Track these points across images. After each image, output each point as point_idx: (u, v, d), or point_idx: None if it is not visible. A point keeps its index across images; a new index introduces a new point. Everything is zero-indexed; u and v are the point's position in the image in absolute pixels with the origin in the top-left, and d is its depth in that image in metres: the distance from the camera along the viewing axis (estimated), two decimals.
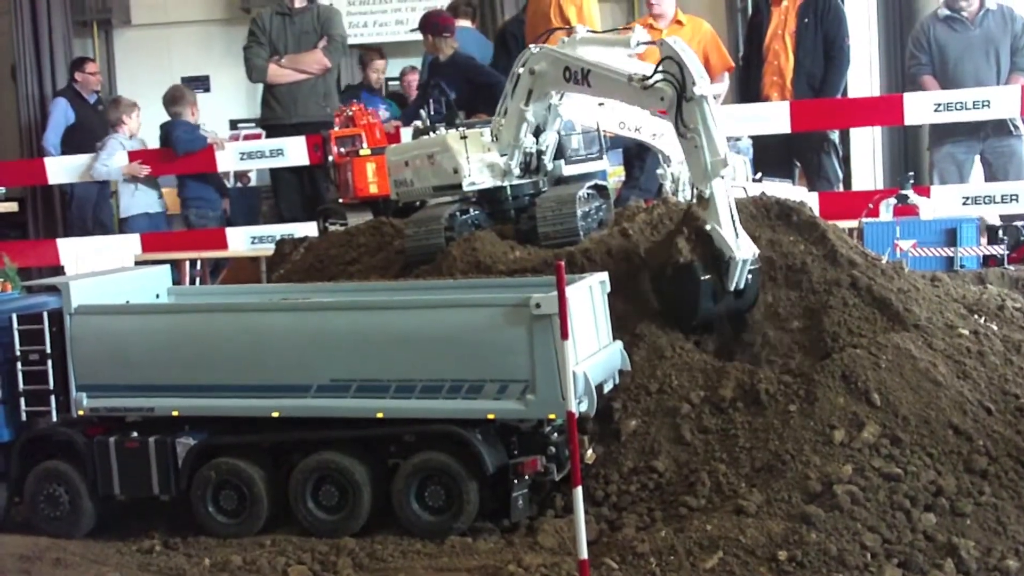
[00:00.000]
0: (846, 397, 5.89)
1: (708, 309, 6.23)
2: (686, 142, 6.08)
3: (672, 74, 6.03)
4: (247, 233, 12.06)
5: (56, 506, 6.18)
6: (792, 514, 5.36)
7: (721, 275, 6.11)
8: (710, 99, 6.01)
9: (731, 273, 6.07)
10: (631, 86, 6.27)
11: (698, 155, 6.02)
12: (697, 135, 5.99)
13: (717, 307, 6.25)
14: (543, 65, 6.76)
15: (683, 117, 6.03)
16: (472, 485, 5.62)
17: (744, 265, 6.07)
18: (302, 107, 11.78)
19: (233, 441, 6.02)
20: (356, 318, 5.82)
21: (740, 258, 6.03)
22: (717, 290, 6.16)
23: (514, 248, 7.01)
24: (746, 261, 6.06)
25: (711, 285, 6.13)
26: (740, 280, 6.11)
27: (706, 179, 6.02)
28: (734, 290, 6.16)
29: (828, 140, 11.03)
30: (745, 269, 6.10)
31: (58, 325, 6.12)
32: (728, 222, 6.02)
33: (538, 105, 6.92)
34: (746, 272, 6.12)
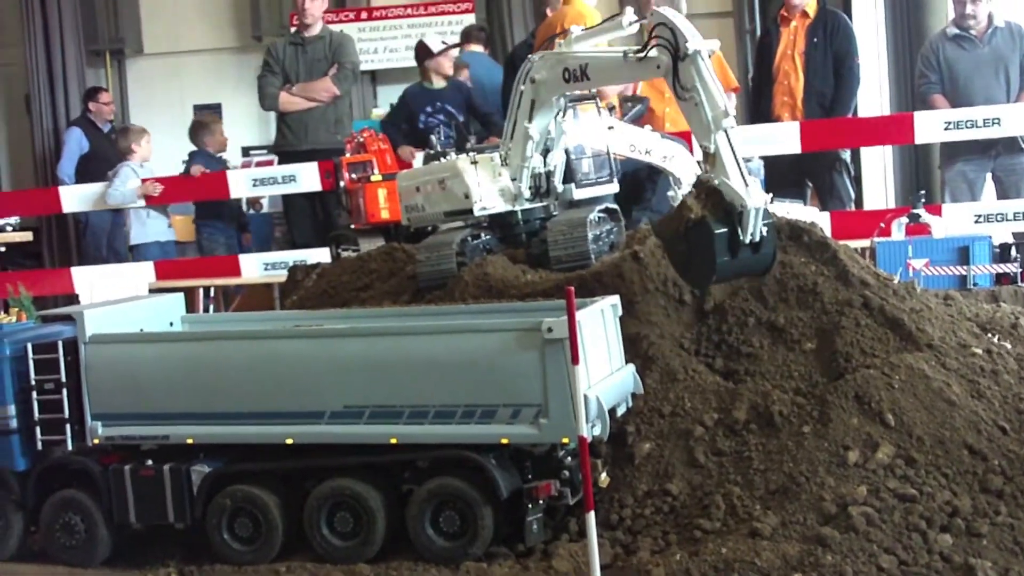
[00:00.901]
0: (860, 418, 5.87)
1: (725, 263, 5.93)
2: (686, 104, 5.98)
3: (665, 39, 5.98)
4: (260, 260, 12.10)
5: (72, 535, 6.19)
6: (807, 536, 5.35)
7: (735, 228, 5.88)
8: (704, 54, 5.93)
9: (745, 222, 5.83)
10: (627, 63, 6.24)
11: (699, 112, 5.91)
12: (696, 92, 5.89)
13: (735, 262, 5.97)
14: (543, 73, 6.77)
15: (680, 79, 5.95)
16: (487, 510, 5.61)
17: (758, 213, 5.84)
18: (313, 134, 11.83)
19: (248, 468, 6.03)
20: (369, 344, 5.83)
21: (752, 206, 5.80)
22: (733, 243, 5.89)
23: (526, 272, 7.02)
24: (759, 209, 5.84)
25: (726, 237, 5.87)
26: (755, 230, 5.87)
27: (709, 134, 5.89)
28: (751, 243, 5.90)
29: (839, 160, 11.04)
30: (759, 218, 5.86)
31: (73, 354, 6.14)
32: (736, 173, 5.86)
33: (541, 119, 6.91)
34: (760, 223, 5.89)
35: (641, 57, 6.12)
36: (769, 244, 6.01)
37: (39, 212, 14.18)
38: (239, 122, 17.22)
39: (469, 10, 16.03)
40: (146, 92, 17.59)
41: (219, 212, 13.17)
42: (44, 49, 16.43)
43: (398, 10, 16.22)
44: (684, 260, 6.15)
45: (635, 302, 6.63)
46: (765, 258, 6.07)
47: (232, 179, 12.26)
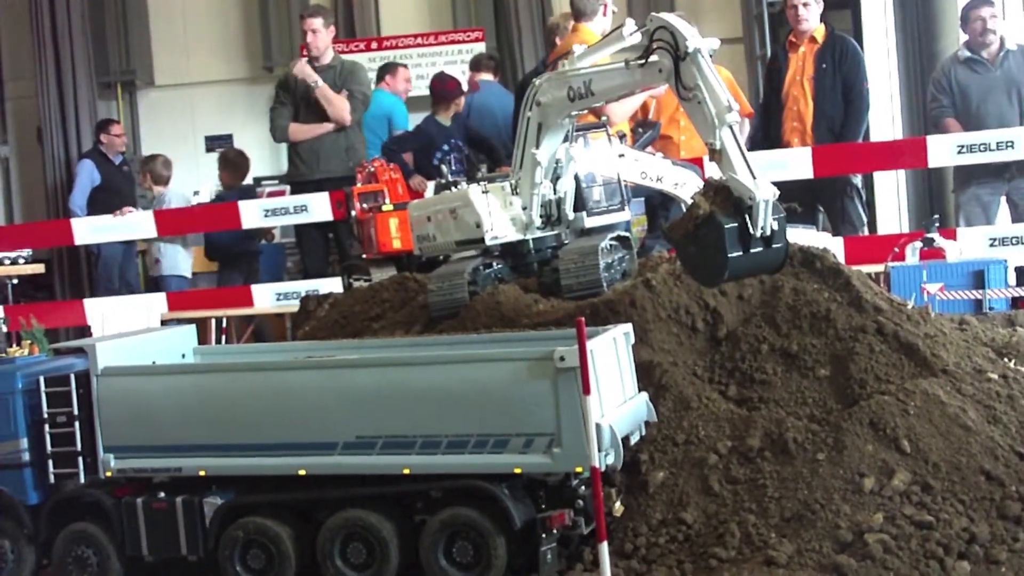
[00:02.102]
0: (875, 444, 5.84)
1: (737, 257, 5.84)
2: (689, 103, 5.96)
3: (665, 41, 5.97)
4: (272, 290, 12.11)
5: (84, 568, 6.18)
6: (824, 564, 5.32)
7: (745, 222, 5.79)
8: (704, 51, 5.91)
9: (755, 215, 5.75)
10: (630, 71, 6.25)
11: (702, 110, 5.87)
12: (698, 90, 5.87)
13: (747, 257, 5.87)
14: (548, 95, 6.76)
15: (682, 79, 5.93)
16: (500, 540, 5.58)
17: (767, 206, 5.77)
18: (325, 163, 11.84)
19: (260, 500, 6.02)
20: (381, 374, 5.82)
21: (760, 198, 5.73)
22: (744, 237, 5.81)
23: (538, 301, 7.01)
24: (768, 201, 5.77)
25: (736, 231, 5.78)
26: (766, 223, 5.79)
27: (714, 130, 5.85)
28: (762, 237, 5.82)
29: (851, 185, 11.01)
30: (768, 210, 5.79)
31: (85, 387, 6.15)
32: (743, 167, 5.82)
33: (549, 144, 6.90)
34: (770, 216, 5.81)
35: (643, 63, 6.12)
36: (781, 238, 5.92)
37: (51, 244, 14.22)
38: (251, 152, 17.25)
39: (479, 39, 16.08)
40: (157, 123, 17.66)
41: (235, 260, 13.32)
42: (56, 81, 16.51)
43: (408, 39, 16.27)
44: (695, 260, 6.07)
45: (648, 330, 6.61)
46: (778, 253, 5.97)
47: (244, 209, 12.29)
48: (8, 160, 17.92)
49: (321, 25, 11.86)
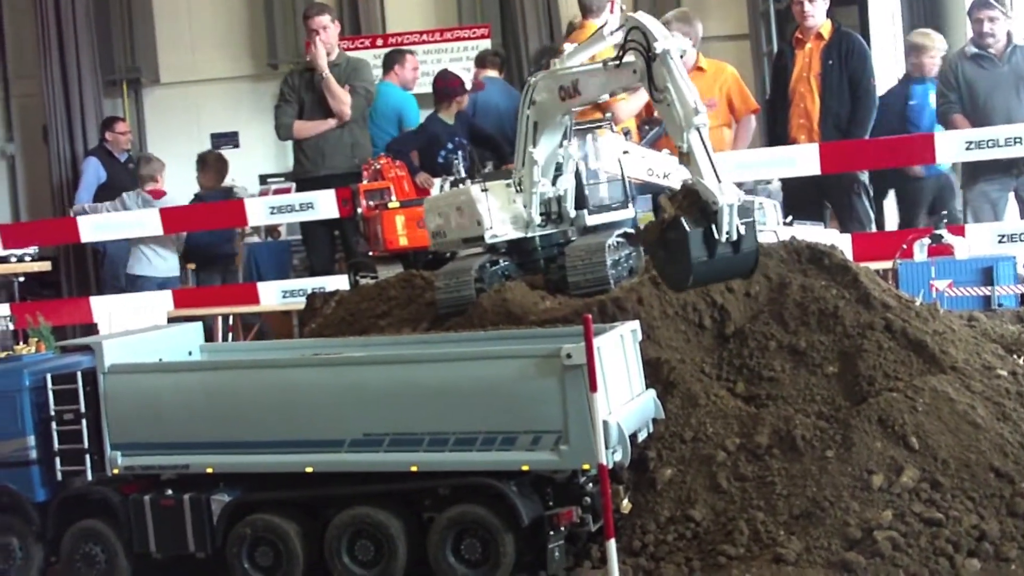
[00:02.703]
0: (884, 441, 5.83)
1: (700, 261, 5.82)
2: (660, 105, 5.96)
3: (637, 42, 5.96)
4: (278, 287, 12.10)
5: (92, 565, 6.17)
6: (832, 561, 5.31)
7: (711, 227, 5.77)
8: (673, 53, 5.89)
9: (720, 220, 5.72)
10: (607, 71, 6.25)
11: (671, 112, 5.88)
12: (668, 92, 5.86)
13: (714, 262, 5.85)
14: (542, 94, 6.77)
15: (653, 80, 5.93)
16: (508, 537, 5.57)
17: (732, 210, 5.73)
18: (330, 159, 11.82)
19: (268, 497, 6.01)
20: (388, 372, 5.82)
21: (724, 203, 5.70)
22: (709, 242, 5.79)
23: (544, 298, 7.00)
24: (732, 206, 5.73)
25: (700, 235, 5.77)
26: (731, 228, 5.75)
27: (682, 133, 5.84)
28: (728, 241, 5.79)
29: (858, 181, 10.99)
30: (734, 215, 5.75)
31: (92, 384, 6.14)
32: (709, 171, 5.78)
33: (546, 142, 6.90)
34: (736, 221, 5.77)
35: (617, 64, 6.11)
36: (750, 243, 5.89)
37: (57, 242, 14.22)
38: (256, 150, 17.28)
39: (485, 36, 16.06)
40: (163, 121, 17.66)
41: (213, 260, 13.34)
42: (61, 79, 16.51)
43: (414, 36, 16.25)
44: (664, 264, 6.08)
45: (655, 327, 6.61)
46: (747, 258, 5.95)
47: (250, 207, 12.28)
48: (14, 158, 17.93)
49: (329, 21, 11.85)
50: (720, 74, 11.09)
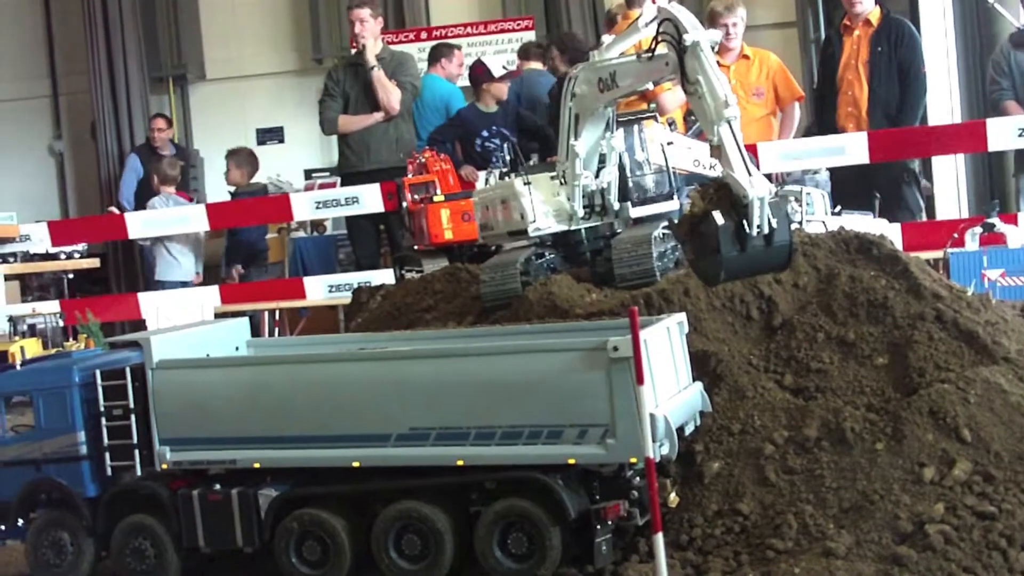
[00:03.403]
0: (935, 434, 5.75)
1: (732, 256, 5.78)
2: (692, 97, 5.91)
3: (669, 34, 5.90)
4: (324, 282, 12.15)
5: (142, 560, 6.21)
6: (883, 555, 5.25)
7: (742, 221, 5.73)
8: (704, 44, 5.83)
9: (751, 214, 5.67)
10: (642, 63, 6.21)
11: (702, 105, 5.83)
12: (699, 84, 5.80)
13: (746, 256, 5.81)
14: (582, 87, 6.73)
15: (685, 72, 5.88)
16: (555, 531, 5.55)
17: (763, 204, 5.68)
18: (375, 153, 11.85)
19: (315, 492, 6.02)
20: (434, 366, 5.81)
21: (754, 196, 5.64)
22: (740, 236, 5.74)
23: (590, 291, 6.97)
24: (763, 199, 5.68)
25: (730, 230, 5.72)
26: (763, 222, 5.71)
27: (713, 126, 5.79)
28: (760, 234, 5.74)
29: (908, 170, 10.87)
30: (765, 208, 5.70)
31: (140, 380, 6.18)
32: (740, 164, 5.72)
33: (588, 135, 6.86)
34: (767, 213, 5.72)
35: (650, 56, 6.07)
36: (782, 236, 5.83)
37: (105, 239, 14.38)
38: (301, 144, 17.38)
39: (529, 27, 16.05)
40: (209, 117, 17.82)
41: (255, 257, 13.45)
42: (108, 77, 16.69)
43: (458, 29, 16.27)
44: (697, 259, 6.04)
45: (702, 319, 6.56)
46: (780, 251, 5.89)
47: (295, 202, 12.34)
48: (63, 155, 18.16)
49: (368, 15, 11.86)
50: (765, 62, 11.03)
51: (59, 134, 18.20)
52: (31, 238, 13.14)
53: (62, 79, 18.13)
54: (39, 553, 6.36)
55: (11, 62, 18.14)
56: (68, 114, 18.13)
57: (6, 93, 17.99)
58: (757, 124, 11.03)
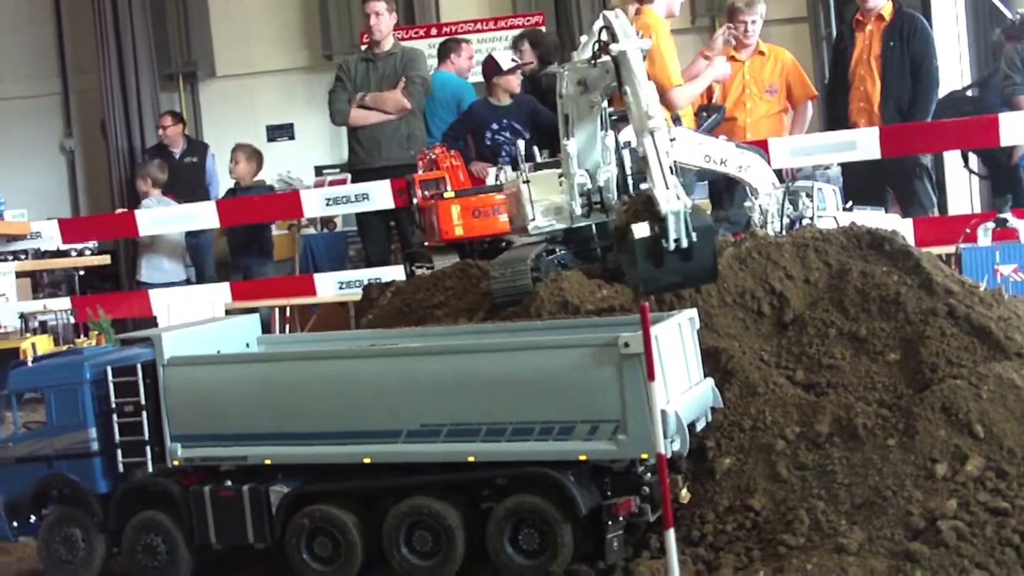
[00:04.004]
0: (947, 429, 5.73)
1: (647, 270, 5.79)
2: (625, 105, 5.92)
3: (606, 41, 5.92)
4: (334, 278, 12.16)
5: (154, 556, 6.22)
6: (895, 551, 5.23)
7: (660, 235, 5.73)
8: (631, 53, 5.82)
9: (667, 228, 5.66)
10: (594, 68, 6.20)
11: (630, 114, 5.83)
12: (627, 93, 5.81)
13: (665, 270, 5.79)
14: (568, 87, 6.72)
15: (619, 80, 5.89)
16: (566, 527, 5.54)
17: (677, 218, 5.64)
18: (385, 150, 11.85)
19: (326, 488, 6.02)
20: (445, 362, 5.80)
21: (667, 210, 5.61)
22: (657, 249, 5.72)
23: (602, 287, 6.95)
24: (678, 213, 5.64)
25: (646, 244, 5.72)
26: (679, 235, 5.67)
27: (638, 136, 5.79)
28: (678, 249, 5.70)
29: (920, 165, 10.84)
30: (680, 223, 5.65)
31: (152, 377, 6.18)
32: (659, 177, 5.70)
33: (580, 134, 6.82)
34: (683, 228, 5.67)
35: (594, 63, 6.06)
36: (704, 251, 5.79)
37: (116, 236, 14.40)
38: (311, 141, 17.39)
39: (540, 23, 16.03)
40: (219, 114, 17.84)
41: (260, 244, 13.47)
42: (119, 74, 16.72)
43: (468, 25, 16.26)
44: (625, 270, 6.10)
45: (713, 315, 6.55)
46: (703, 266, 5.85)
47: (305, 198, 12.34)
48: (73, 153, 18.18)
49: (384, 9, 11.85)
50: (779, 59, 11.02)
51: (70, 132, 18.23)
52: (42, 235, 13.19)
53: (72, 77, 18.16)
54: (51, 549, 6.38)
55: (22, 60, 18.18)
56: (79, 112, 18.16)
57: (17, 91, 18.03)
58: (768, 121, 11.02)
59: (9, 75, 18.11)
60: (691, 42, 15.68)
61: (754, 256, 6.84)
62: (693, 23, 16.81)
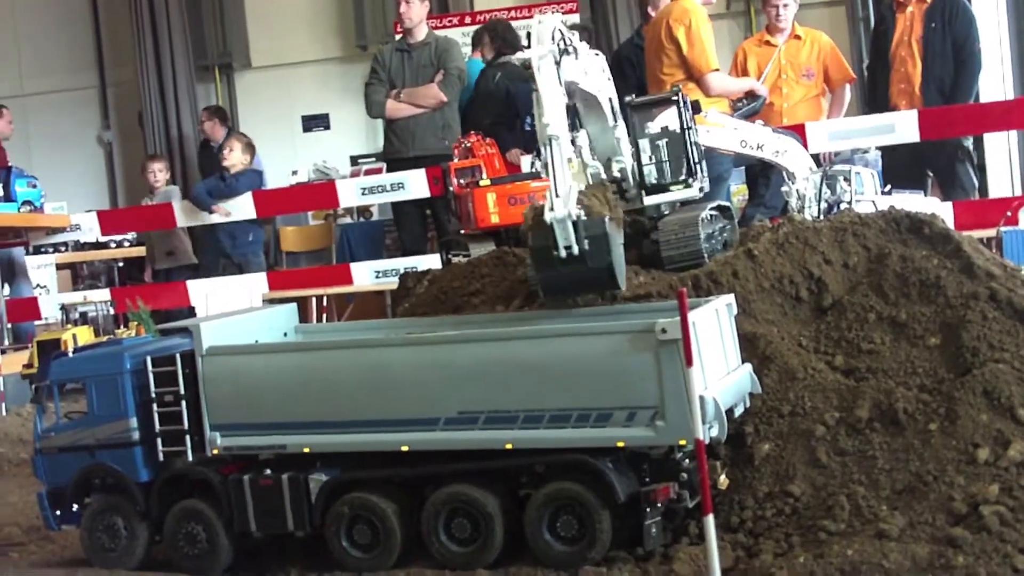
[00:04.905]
0: (989, 414, 5.68)
1: (548, 276, 5.92)
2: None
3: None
4: (371, 267, 12.19)
5: (195, 544, 6.26)
6: (937, 537, 5.19)
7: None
8: (534, 63, 5.76)
9: (554, 235, 5.67)
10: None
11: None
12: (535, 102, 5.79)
13: (561, 275, 5.85)
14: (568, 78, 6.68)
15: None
16: (604, 514, 5.54)
17: (563, 226, 5.63)
18: (420, 140, 11.85)
19: (364, 476, 6.04)
20: (481, 350, 5.80)
21: (551, 218, 5.61)
22: (548, 257, 5.75)
23: (638, 273, 6.92)
24: (562, 220, 5.62)
25: (540, 252, 5.79)
26: (568, 242, 5.65)
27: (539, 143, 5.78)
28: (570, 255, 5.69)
29: (961, 148, 10.72)
30: (566, 230, 5.64)
31: (191, 366, 6.21)
32: (552, 184, 5.68)
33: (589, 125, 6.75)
34: (570, 235, 5.65)
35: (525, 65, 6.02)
36: (597, 258, 5.77)
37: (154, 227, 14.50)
38: (347, 131, 17.43)
39: (573, 10, 15.98)
40: (255, 105, 17.91)
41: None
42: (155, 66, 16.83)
43: (502, 12, 16.22)
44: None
45: (751, 300, 6.51)
46: (599, 273, 5.86)
47: (341, 188, 12.38)
48: (111, 145, 18.31)
49: None
50: (816, 42, 10.93)
51: (107, 124, 18.37)
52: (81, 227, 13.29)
53: (110, 69, 18.29)
54: (94, 537, 6.43)
55: (59, 53, 18.33)
56: (116, 104, 18.30)
57: (55, 84, 18.19)
58: (805, 105, 10.94)
59: (47, 69, 18.27)
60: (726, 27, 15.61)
61: (792, 241, 6.80)
62: (728, 7, 16.73)
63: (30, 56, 18.45)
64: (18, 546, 7.18)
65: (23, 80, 18.27)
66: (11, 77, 18.22)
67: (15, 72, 18.36)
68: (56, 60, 18.29)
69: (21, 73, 18.37)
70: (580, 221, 5.67)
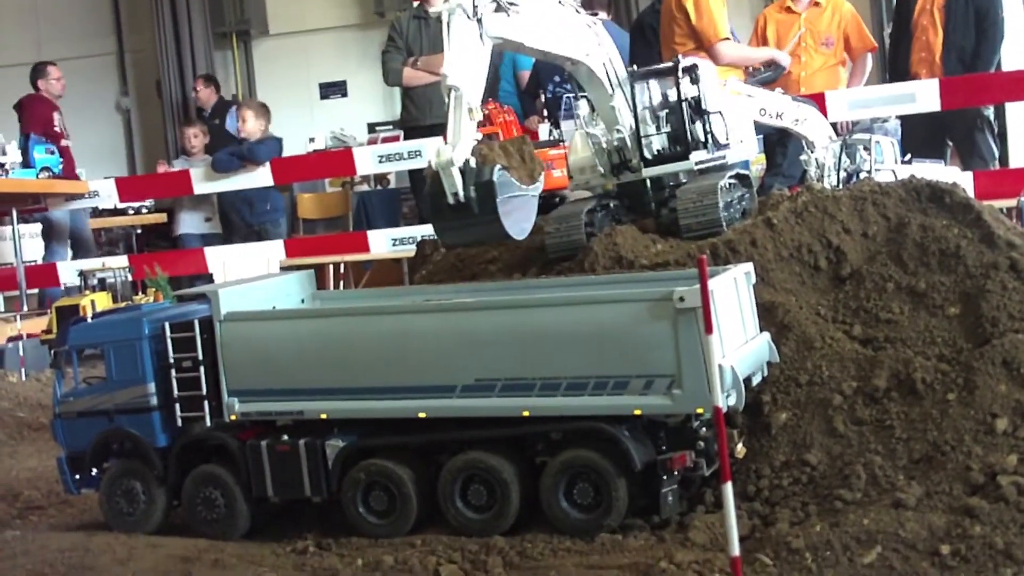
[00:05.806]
0: (1008, 384, 5.66)
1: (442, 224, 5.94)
2: None
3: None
4: (388, 235, 12.19)
5: (213, 509, 6.30)
6: (954, 507, 5.17)
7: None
8: (444, 16, 5.80)
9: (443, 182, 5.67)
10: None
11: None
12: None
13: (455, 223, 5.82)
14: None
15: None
16: (621, 482, 5.55)
17: (446, 171, 5.61)
18: (438, 108, 11.72)
19: (381, 442, 6.06)
20: (499, 317, 5.80)
21: (435, 164, 5.64)
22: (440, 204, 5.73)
23: (656, 242, 6.91)
24: (445, 166, 5.61)
25: (433, 199, 5.78)
26: (454, 189, 5.63)
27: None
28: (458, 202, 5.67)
29: (982, 117, 10.64)
30: (451, 176, 5.61)
31: (208, 332, 6.23)
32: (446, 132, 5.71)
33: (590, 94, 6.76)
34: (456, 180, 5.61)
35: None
36: (485, 206, 5.70)
37: (172, 194, 14.53)
38: (364, 98, 17.39)
39: None
40: (272, 72, 17.88)
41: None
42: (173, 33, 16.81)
43: None
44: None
45: (769, 269, 6.50)
46: (488, 222, 5.76)
47: (358, 156, 12.36)
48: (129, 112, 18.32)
49: None
50: (837, 10, 10.83)
51: (125, 91, 18.37)
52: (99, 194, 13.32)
53: (127, 36, 18.28)
54: (113, 502, 6.47)
55: (77, 20, 18.31)
56: (134, 71, 18.29)
57: (73, 51, 18.16)
58: (824, 74, 10.86)
59: (65, 35, 18.26)
60: None
61: (811, 210, 6.76)
62: None
63: (48, 22, 18.44)
64: (38, 510, 7.25)
65: (41, 46, 18.25)
66: (29, 43, 18.21)
67: (33, 38, 18.35)
68: (74, 26, 18.28)
69: (39, 39, 18.36)
70: (468, 169, 5.65)
